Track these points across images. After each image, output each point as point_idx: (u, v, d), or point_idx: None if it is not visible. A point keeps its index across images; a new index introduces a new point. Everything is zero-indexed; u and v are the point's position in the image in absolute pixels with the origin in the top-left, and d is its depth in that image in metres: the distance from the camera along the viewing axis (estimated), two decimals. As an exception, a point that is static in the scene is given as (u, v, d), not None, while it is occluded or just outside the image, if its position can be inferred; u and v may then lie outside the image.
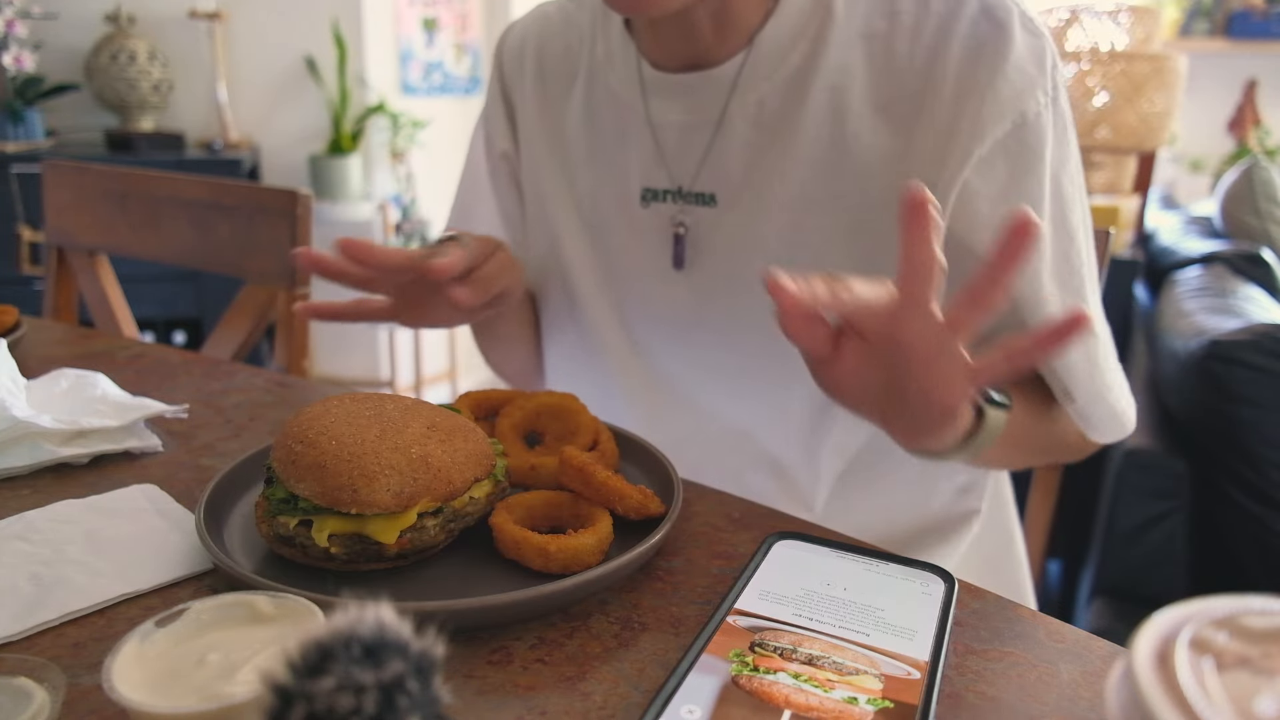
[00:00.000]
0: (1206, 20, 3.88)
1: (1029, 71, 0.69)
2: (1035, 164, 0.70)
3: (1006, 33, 0.69)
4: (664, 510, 0.59)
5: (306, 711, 0.25)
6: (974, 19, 0.70)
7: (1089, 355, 0.75)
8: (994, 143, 0.69)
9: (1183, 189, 3.91)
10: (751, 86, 0.75)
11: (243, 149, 3.01)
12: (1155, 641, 0.27)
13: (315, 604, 0.43)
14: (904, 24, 0.72)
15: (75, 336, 1.06)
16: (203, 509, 0.56)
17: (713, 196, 0.79)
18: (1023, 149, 0.70)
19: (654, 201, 0.82)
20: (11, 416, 0.69)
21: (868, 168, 0.73)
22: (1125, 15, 2.49)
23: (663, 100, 0.80)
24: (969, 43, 0.70)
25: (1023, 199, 0.70)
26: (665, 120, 0.80)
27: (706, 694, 0.43)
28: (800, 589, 0.52)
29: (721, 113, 0.77)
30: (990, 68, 0.69)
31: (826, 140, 0.74)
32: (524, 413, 0.70)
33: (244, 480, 0.63)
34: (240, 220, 1.27)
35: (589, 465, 0.58)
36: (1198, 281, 1.90)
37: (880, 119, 0.72)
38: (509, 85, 0.93)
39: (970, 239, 0.72)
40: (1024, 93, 0.69)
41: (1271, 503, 1.43)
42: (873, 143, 0.72)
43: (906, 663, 0.46)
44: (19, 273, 2.67)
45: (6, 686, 0.41)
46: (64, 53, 2.90)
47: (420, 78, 3.46)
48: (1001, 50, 0.69)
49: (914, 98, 0.71)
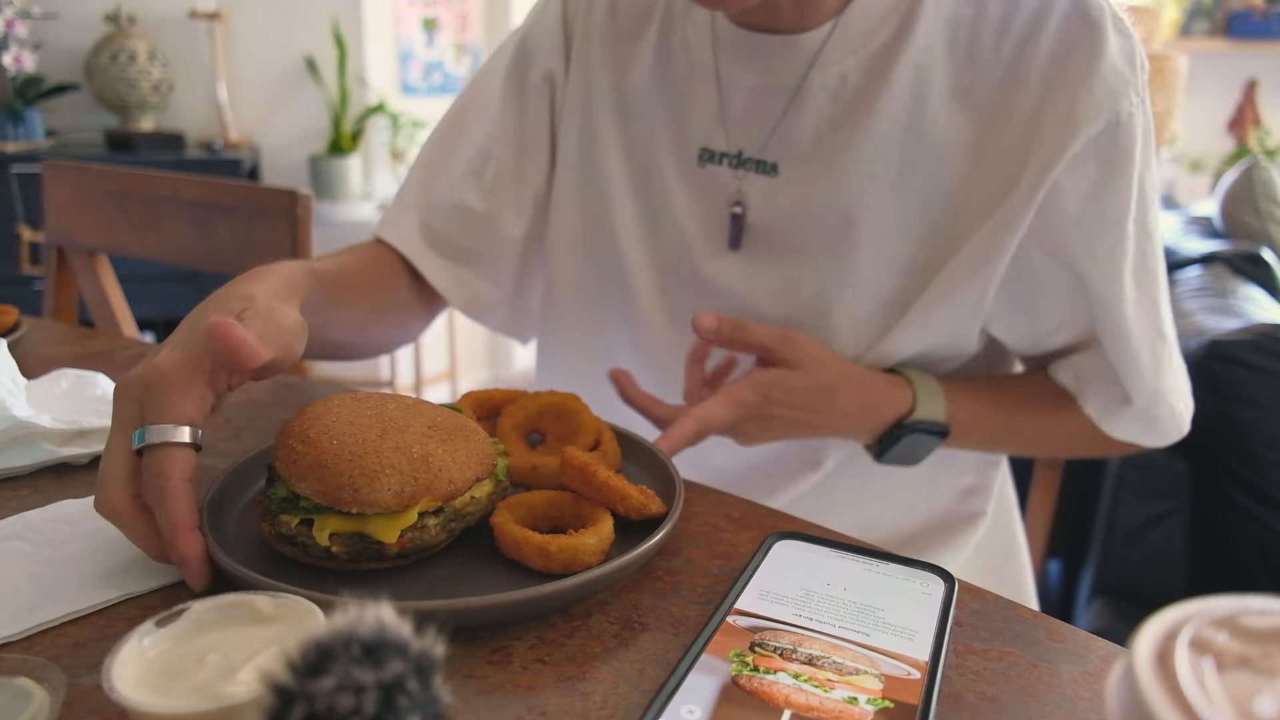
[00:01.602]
0: (1206, 20, 3.88)
1: (1123, 71, 0.69)
2: (1125, 164, 0.70)
3: (1100, 31, 0.69)
4: (665, 510, 0.59)
5: (306, 711, 0.25)
6: (1066, 15, 0.70)
7: (1155, 357, 0.75)
8: (1086, 141, 0.69)
9: (1183, 189, 3.91)
10: (836, 59, 0.74)
11: (243, 149, 3.01)
12: (1155, 641, 0.27)
13: (315, 604, 0.43)
14: (991, 13, 0.71)
15: (75, 336, 1.06)
16: (205, 508, 0.56)
17: (775, 166, 0.77)
18: (1114, 149, 0.70)
19: (710, 163, 0.80)
20: (12, 416, 0.69)
21: (939, 153, 0.73)
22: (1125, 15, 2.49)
23: (736, 59, 0.77)
24: (1060, 37, 0.69)
25: (1111, 199, 0.71)
26: (735, 80, 0.77)
27: (706, 694, 0.43)
28: (800, 589, 0.52)
29: (800, 81, 0.75)
30: (1083, 66, 0.68)
31: (904, 121, 0.73)
32: (526, 413, 0.70)
33: (245, 480, 0.63)
34: (240, 220, 1.27)
35: (590, 465, 0.58)
36: (1198, 281, 1.90)
37: (956, 106, 0.72)
38: (572, 11, 0.87)
39: (1053, 237, 0.72)
40: (1118, 92, 0.68)
41: (1271, 503, 1.43)
42: (949, 128, 0.72)
43: (906, 663, 0.46)
44: (19, 273, 2.67)
45: (6, 686, 0.41)
46: (64, 53, 2.90)
47: (420, 78, 3.46)
48: (1096, 48, 0.68)
49: (996, 88, 0.71)
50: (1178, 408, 0.79)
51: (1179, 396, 0.79)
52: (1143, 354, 0.74)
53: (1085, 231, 0.72)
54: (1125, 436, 0.81)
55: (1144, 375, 0.75)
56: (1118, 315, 0.73)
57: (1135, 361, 0.74)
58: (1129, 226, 0.72)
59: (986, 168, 0.72)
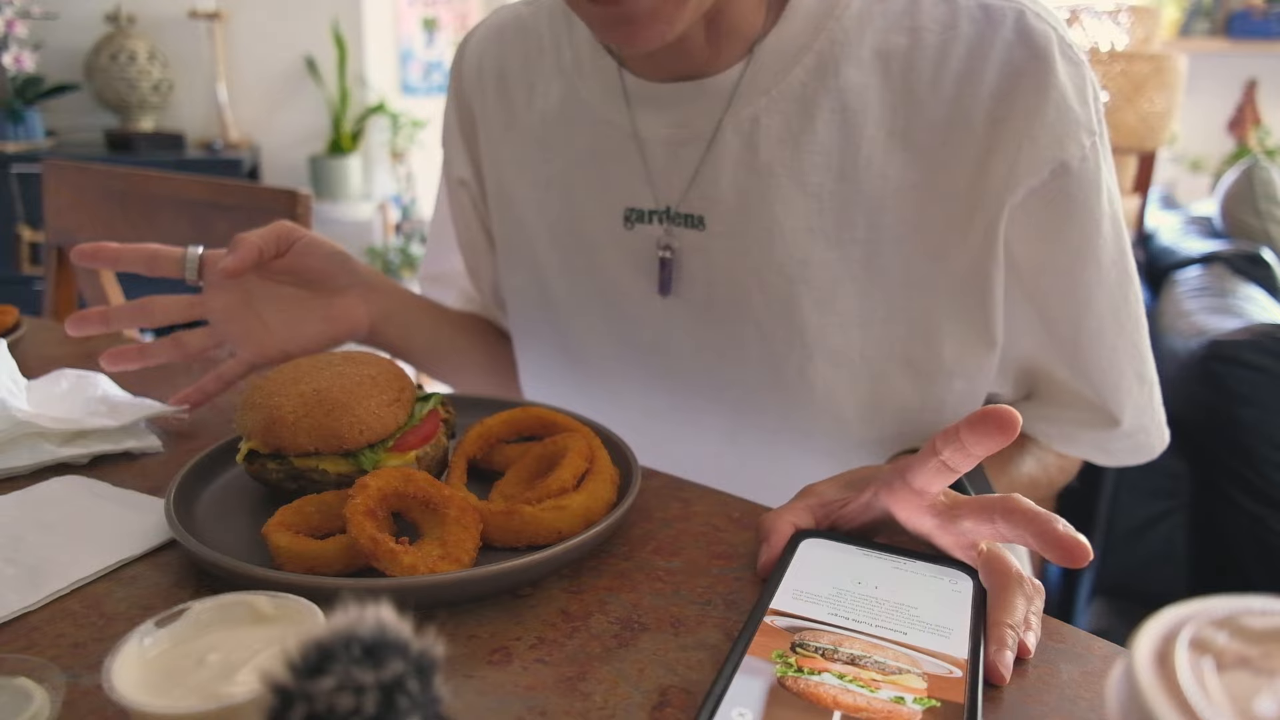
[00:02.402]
0: (1206, 20, 3.88)
1: (1072, 109, 0.64)
2: (1080, 210, 0.66)
3: (1047, 64, 0.63)
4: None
5: (306, 711, 0.25)
6: (1009, 44, 0.64)
7: (1141, 380, 0.74)
8: (1028, 190, 0.65)
9: (1183, 189, 3.91)
10: (748, 100, 0.69)
11: (243, 149, 3.01)
12: (1155, 641, 0.27)
13: (315, 604, 0.43)
14: (927, 42, 0.65)
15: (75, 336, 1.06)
16: (174, 492, 0.60)
17: (701, 219, 0.72)
18: (1063, 198, 0.65)
19: (639, 223, 0.75)
20: (12, 416, 0.69)
21: (881, 200, 0.67)
22: (1125, 15, 2.49)
23: (650, 113, 0.73)
24: (1005, 70, 0.64)
25: (1067, 245, 0.67)
26: (652, 135, 0.73)
27: (755, 697, 0.42)
28: (833, 588, 0.51)
29: (715, 127, 0.70)
30: (1027, 106, 0.63)
31: (836, 169, 0.68)
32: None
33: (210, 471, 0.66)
34: (240, 220, 1.27)
35: (376, 541, 0.52)
36: (1198, 281, 1.90)
37: (896, 146, 0.66)
38: (469, 104, 0.86)
39: (1017, 291, 0.70)
40: (1065, 137, 0.64)
41: (1271, 503, 1.43)
42: (887, 173, 0.67)
43: (947, 661, 0.46)
44: (19, 273, 2.67)
45: (6, 686, 0.41)
46: (64, 53, 2.90)
47: (420, 78, 3.46)
48: (1041, 85, 0.63)
49: (938, 127, 0.65)
50: (1152, 442, 0.79)
51: (1154, 432, 0.79)
52: (1122, 397, 0.73)
53: (1040, 283, 0.69)
54: (1093, 460, 0.83)
55: (1134, 400, 0.74)
56: (1089, 356, 0.71)
57: (1121, 391, 0.73)
58: (1101, 271, 0.69)
59: (934, 211, 0.67)
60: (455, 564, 0.52)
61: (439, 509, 0.55)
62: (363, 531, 0.51)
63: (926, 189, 0.67)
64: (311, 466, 0.60)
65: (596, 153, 0.76)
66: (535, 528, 0.56)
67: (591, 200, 0.78)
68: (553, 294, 0.83)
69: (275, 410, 0.60)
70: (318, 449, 0.60)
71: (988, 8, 0.65)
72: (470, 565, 0.53)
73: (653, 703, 0.45)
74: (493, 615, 0.52)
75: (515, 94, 0.82)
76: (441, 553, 0.52)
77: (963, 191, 0.66)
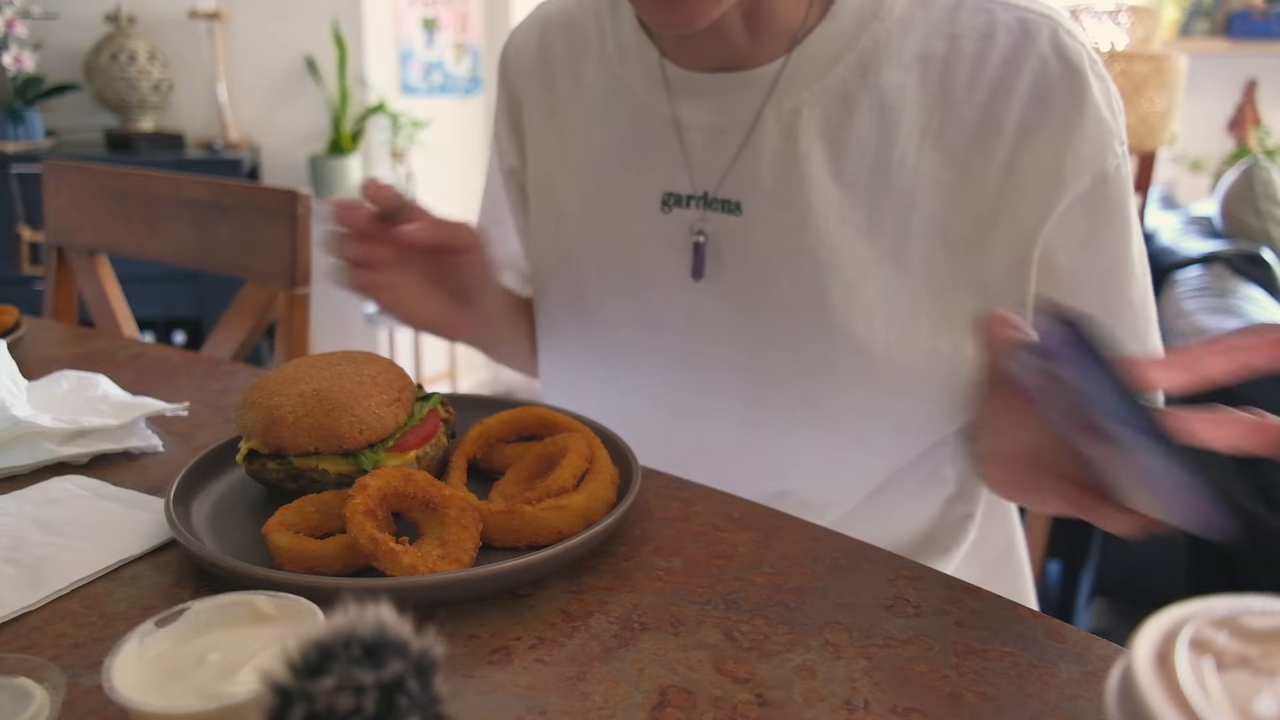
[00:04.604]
0: (1206, 20, 3.88)
1: (1106, 121, 0.68)
2: (1115, 215, 0.71)
3: (1082, 79, 0.67)
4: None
5: (306, 711, 0.25)
6: (1044, 58, 0.67)
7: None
8: (1074, 198, 0.69)
9: (1183, 189, 3.91)
10: (789, 93, 0.72)
11: (243, 149, 3.01)
12: (1155, 641, 0.27)
13: (315, 604, 0.43)
14: (965, 49, 0.69)
15: (75, 336, 1.06)
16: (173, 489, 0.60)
17: (738, 205, 0.75)
18: (1103, 203, 0.70)
19: (676, 207, 0.78)
20: (12, 416, 0.69)
21: (911, 196, 0.71)
22: (1125, 15, 2.49)
23: (691, 101, 0.76)
24: (1038, 80, 0.67)
25: (1104, 251, 0.71)
26: (693, 122, 0.76)
27: None
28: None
29: (755, 117, 0.73)
30: (1066, 117, 0.67)
31: (870, 163, 0.71)
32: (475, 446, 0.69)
33: (213, 466, 0.66)
34: (240, 220, 1.27)
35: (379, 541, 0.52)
36: (1198, 281, 1.90)
37: (930, 146, 0.70)
38: (517, 93, 0.89)
39: (1053, 293, 0.72)
40: (1103, 147, 0.68)
41: (1272, 503, 1.43)
42: (919, 170, 0.70)
43: None
44: (19, 273, 2.67)
45: (6, 686, 0.41)
46: (64, 53, 2.90)
47: (420, 78, 3.46)
48: (1078, 99, 0.67)
49: (970, 130, 0.69)
50: None
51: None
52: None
53: (1081, 283, 0.72)
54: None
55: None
56: (1128, 346, 0.74)
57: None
58: (1134, 266, 0.73)
59: (961, 209, 0.70)
60: (455, 564, 0.52)
61: (439, 509, 0.55)
62: (363, 531, 0.51)
63: (956, 188, 0.70)
64: (311, 466, 0.60)
65: (636, 138, 0.79)
66: (535, 528, 0.56)
67: (629, 184, 0.80)
68: (583, 276, 0.85)
69: (275, 410, 0.60)
70: (318, 449, 0.60)
71: (1025, 21, 0.68)
72: (470, 565, 0.53)
73: (653, 703, 0.45)
74: (493, 615, 0.52)
75: (559, 84, 0.85)
76: (441, 553, 0.52)
77: (990, 193, 0.69)
